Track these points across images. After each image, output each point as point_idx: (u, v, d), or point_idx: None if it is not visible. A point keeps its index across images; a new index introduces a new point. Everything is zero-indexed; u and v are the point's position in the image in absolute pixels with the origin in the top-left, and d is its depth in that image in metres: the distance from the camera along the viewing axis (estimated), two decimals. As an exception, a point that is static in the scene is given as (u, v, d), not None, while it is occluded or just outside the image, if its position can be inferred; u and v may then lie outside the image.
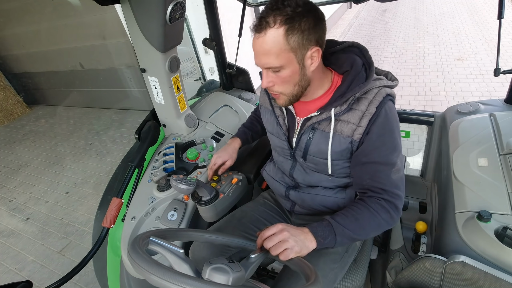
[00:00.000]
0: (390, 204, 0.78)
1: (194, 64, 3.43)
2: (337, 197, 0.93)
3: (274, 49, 0.69)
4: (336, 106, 0.80)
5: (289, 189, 1.01)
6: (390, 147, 0.78)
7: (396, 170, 0.78)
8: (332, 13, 7.09)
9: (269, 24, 0.67)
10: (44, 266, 2.08)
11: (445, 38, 5.13)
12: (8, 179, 3.32)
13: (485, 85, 3.53)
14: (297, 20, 0.67)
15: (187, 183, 0.85)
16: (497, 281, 0.75)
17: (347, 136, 0.81)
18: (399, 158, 0.79)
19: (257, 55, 0.72)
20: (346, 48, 0.85)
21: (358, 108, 0.79)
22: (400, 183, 0.79)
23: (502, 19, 0.96)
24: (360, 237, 0.79)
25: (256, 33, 0.70)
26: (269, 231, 0.72)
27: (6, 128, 4.88)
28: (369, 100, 0.78)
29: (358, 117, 0.79)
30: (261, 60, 0.72)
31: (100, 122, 4.33)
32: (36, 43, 4.45)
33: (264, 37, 0.68)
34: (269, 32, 0.68)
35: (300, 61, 0.72)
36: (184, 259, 0.57)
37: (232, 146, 1.14)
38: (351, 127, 0.80)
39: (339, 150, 0.83)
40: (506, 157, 1.01)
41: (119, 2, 1.01)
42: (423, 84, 3.85)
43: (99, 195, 1.35)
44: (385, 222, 0.78)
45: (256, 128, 1.23)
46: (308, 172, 0.95)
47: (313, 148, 0.87)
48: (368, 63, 0.81)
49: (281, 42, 0.68)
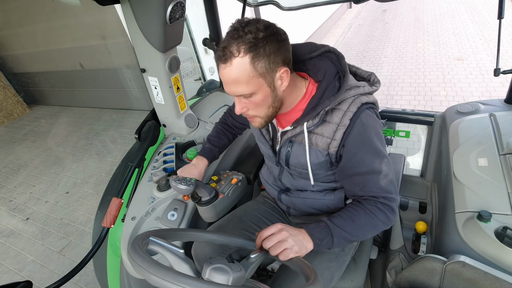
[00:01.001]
0: (385, 206, 0.78)
1: (194, 64, 3.43)
2: (326, 199, 0.94)
3: (243, 77, 0.68)
4: (308, 120, 0.78)
5: (281, 193, 1.03)
6: (373, 155, 0.76)
7: (383, 176, 0.77)
8: (332, 13, 7.09)
9: (233, 54, 0.66)
10: (44, 266, 2.08)
11: (445, 38, 5.14)
12: (8, 179, 3.32)
13: (485, 85, 3.53)
14: (261, 46, 0.66)
15: (187, 183, 0.85)
16: (497, 281, 0.75)
17: (323, 150, 0.80)
18: (384, 163, 0.77)
19: (226, 84, 0.71)
20: (323, 53, 0.82)
21: (332, 120, 0.77)
22: (390, 187, 0.79)
23: (502, 19, 0.96)
24: (357, 239, 0.80)
25: (222, 64, 0.68)
26: (268, 231, 0.72)
27: (6, 128, 4.88)
28: (342, 111, 0.76)
29: (332, 130, 0.77)
30: (231, 89, 0.72)
31: (100, 122, 4.33)
32: (36, 43, 4.45)
33: (230, 67, 0.67)
34: (235, 62, 0.66)
35: (270, 84, 0.71)
36: (184, 259, 0.57)
37: (199, 168, 1.08)
38: (325, 141, 0.79)
39: (318, 162, 0.83)
40: (506, 157, 1.01)
41: (119, 2, 1.01)
42: (423, 84, 3.85)
43: (99, 195, 1.35)
44: (382, 223, 0.78)
45: (222, 142, 1.17)
46: (295, 178, 0.97)
47: (293, 160, 0.87)
48: (343, 71, 0.78)
49: (248, 70, 0.67)
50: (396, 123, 1.59)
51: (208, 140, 1.18)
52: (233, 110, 1.13)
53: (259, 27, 0.66)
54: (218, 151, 1.16)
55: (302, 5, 1.34)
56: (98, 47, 3.80)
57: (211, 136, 1.19)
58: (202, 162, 1.10)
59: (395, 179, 0.81)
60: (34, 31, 4.24)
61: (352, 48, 5.73)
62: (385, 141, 0.81)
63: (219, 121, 1.23)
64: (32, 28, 4.22)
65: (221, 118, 1.23)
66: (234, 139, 1.22)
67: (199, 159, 1.11)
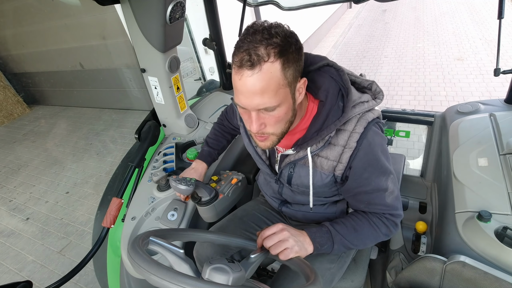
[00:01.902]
0: (390, 221, 0.79)
1: (194, 64, 3.43)
2: (328, 212, 0.93)
3: (272, 86, 0.59)
4: (312, 144, 0.73)
5: (281, 205, 1.02)
6: (379, 174, 0.74)
7: (389, 193, 0.75)
8: (332, 13, 7.09)
9: (263, 58, 0.57)
10: (44, 266, 2.08)
11: (445, 38, 5.14)
12: (8, 179, 3.32)
13: (485, 85, 3.54)
14: (290, 52, 0.59)
15: (187, 183, 0.85)
16: (497, 281, 0.75)
17: (328, 172, 0.77)
18: (390, 180, 0.75)
19: (249, 95, 0.60)
20: (322, 67, 0.75)
21: (337, 143, 0.73)
22: (396, 203, 0.78)
23: (502, 19, 0.96)
24: (357, 247, 0.80)
25: (248, 70, 0.57)
26: (269, 231, 0.72)
27: (6, 128, 4.88)
28: (348, 132, 0.71)
29: (337, 153, 0.73)
30: (254, 101, 0.60)
31: (100, 122, 4.33)
32: (36, 43, 4.45)
33: (259, 74, 0.57)
34: (265, 67, 0.57)
35: (293, 95, 0.64)
36: (184, 259, 0.57)
37: (198, 172, 1.06)
38: (331, 164, 0.75)
39: (322, 184, 0.81)
40: (506, 157, 1.01)
41: (119, 2, 1.01)
42: (423, 84, 3.85)
43: (99, 195, 1.35)
44: (384, 236, 0.79)
45: (221, 144, 1.14)
46: (296, 194, 0.94)
47: (296, 180, 0.84)
48: (345, 88, 0.71)
49: (278, 77, 0.59)
50: (396, 123, 1.59)
51: (207, 143, 1.15)
52: (229, 111, 1.11)
53: (285, 30, 0.60)
54: (217, 153, 1.14)
55: (302, 5, 1.34)
56: (98, 47, 3.80)
57: (209, 139, 1.15)
58: (201, 166, 1.09)
59: (399, 195, 0.80)
60: (34, 31, 4.24)
61: (352, 48, 5.73)
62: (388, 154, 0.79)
63: (217, 121, 1.19)
64: (32, 28, 4.22)
65: (218, 119, 1.19)
66: (232, 139, 1.20)
67: (198, 163, 1.10)
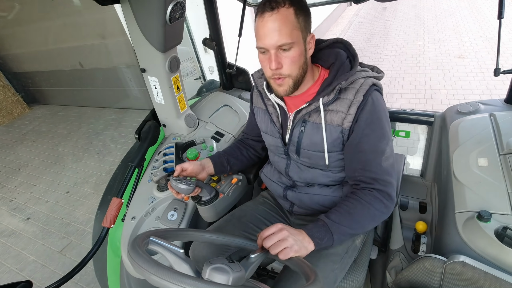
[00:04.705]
0: (382, 193, 0.80)
1: (194, 64, 3.42)
2: (335, 195, 0.94)
3: (288, 26, 0.72)
4: (323, 96, 0.82)
5: (287, 189, 1.02)
6: (379, 134, 0.80)
7: (386, 157, 0.81)
8: (332, 11, 7.08)
9: (280, 4, 0.72)
10: (45, 266, 2.09)
11: (445, 36, 5.13)
12: (9, 179, 3.32)
13: (485, 83, 3.53)
14: (302, 4, 0.74)
15: (187, 183, 0.85)
16: (497, 281, 0.75)
17: (337, 125, 0.83)
18: (389, 146, 0.82)
19: (269, 33, 0.73)
20: (331, 44, 0.90)
21: (346, 97, 0.81)
22: (391, 170, 0.82)
23: (502, 19, 0.95)
24: (358, 231, 0.81)
25: (268, 12, 0.72)
26: (269, 231, 0.73)
27: (6, 127, 4.88)
28: (355, 89, 0.81)
29: (346, 106, 0.81)
30: (273, 38, 0.73)
31: (100, 121, 4.32)
32: (35, 43, 4.44)
33: (277, 15, 0.72)
34: (281, 11, 0.72)
35: (304, 42, 0.77)
36: (184, 259, 0.57)
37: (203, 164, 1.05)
38: (340, 116, 0.82)
39: (331, 141, 0.85)
40: (506, 157, 1.01)
41: (119, 2, 1.01)
42: (423, 82, 3.84)
43: (99, 195, 1.35)
44: (380, 212, 0.80)
45: (235, 153, 1.13)
46: (302, 169, 0.96)
47: (306, 140, 0.89)
48: (352, 55, 0.85)
49: (293, 20, 0.73)
50: (396, 123, 1.59)
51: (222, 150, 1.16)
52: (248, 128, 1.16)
53: None
54: (227, 159, 1.10)
55: (302, 5, 1.34)
56: (98, 46, 3.79)
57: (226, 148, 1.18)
58: (206, 160, 1.07)
59: (394, 164, 0.84)
60: (34, 30, 4.23)
61: (352, 47, 5.71)
62: None
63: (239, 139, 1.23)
64: (32, 28, 4.22)
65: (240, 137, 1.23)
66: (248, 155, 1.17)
67: (205, 159, 1.08)
